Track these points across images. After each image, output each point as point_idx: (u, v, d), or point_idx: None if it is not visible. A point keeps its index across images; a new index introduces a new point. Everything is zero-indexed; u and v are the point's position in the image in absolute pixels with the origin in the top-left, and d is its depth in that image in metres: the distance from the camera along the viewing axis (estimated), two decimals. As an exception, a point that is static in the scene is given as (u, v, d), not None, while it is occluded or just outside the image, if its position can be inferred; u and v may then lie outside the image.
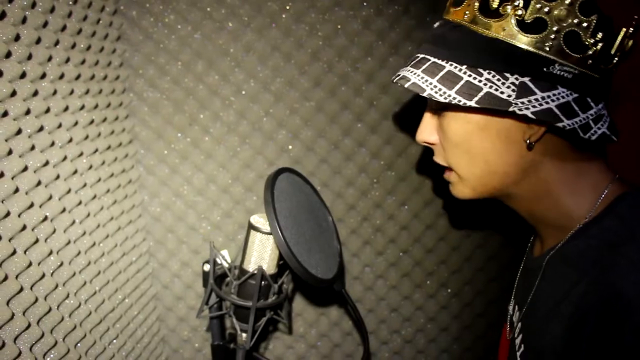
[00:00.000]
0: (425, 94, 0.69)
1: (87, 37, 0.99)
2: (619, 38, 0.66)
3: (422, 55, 0.73)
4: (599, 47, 0.65)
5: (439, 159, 0.81)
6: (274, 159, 1.21)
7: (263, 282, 0.89)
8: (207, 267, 0.95)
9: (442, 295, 1.32)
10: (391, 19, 1.16)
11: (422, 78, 0.71)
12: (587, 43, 0.64)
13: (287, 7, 1.14)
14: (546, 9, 0.63)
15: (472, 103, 0.67)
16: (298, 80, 1.18)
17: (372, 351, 1.32)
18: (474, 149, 0.73)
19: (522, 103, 0.65)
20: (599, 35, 0.64)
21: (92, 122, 1.00)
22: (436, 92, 0.69)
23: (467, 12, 0.69)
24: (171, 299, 1.25)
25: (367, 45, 1.17)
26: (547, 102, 0.65)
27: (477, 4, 0.67)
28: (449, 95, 0.68)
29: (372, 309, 1.30)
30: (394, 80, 0.75)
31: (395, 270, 1.29)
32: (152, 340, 1.21)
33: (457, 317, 1.34)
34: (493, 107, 0.66)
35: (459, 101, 0.67)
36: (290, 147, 1.21)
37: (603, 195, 0.72)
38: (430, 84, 0.70)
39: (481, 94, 0.67)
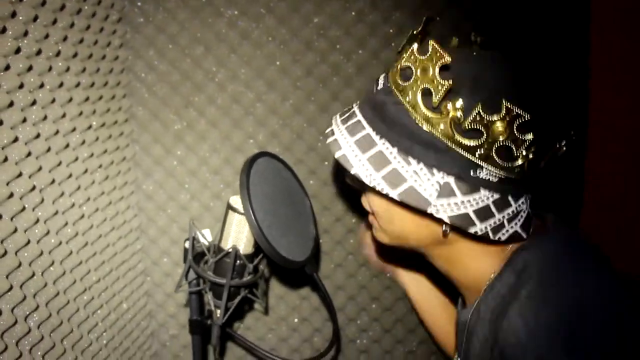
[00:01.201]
0: (352, 172, 0.71)
1: (87, 17, 1.02)
2: (551, 152, 0.68)
3: (359, 117, 0.75)
4: (530, 158, 0.66)
5: (365, 204, 0.85)
6: (265, 145, 1.24)
7: (238, 261, 0.93)
8: (187, 244, 0.99)
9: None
10: (385, 13, 1.19)
11: (354, 152, 0.72)
12: (518, 155, 0.66)
13: (284, -3, 1.17)
14: (485, 121, 0.63)
15: (395, 195, 0.69)
16: (291, 68, 1.20)
17: (350, 337, 1.36)
18: (394, 218, 0.78)
19: (442, 205, 0.68)
20: (532, 149, 0.66)
21: (87, 99, 1.04)
22: (363, 172, 0.70)
23: (409, 95, 0.68)
24: (160, 275, 1.29)
25: (360, 38, 1.20)
26: (465, 207, 0.68)
27: (419, 92, 0.67)
28: (374, 179, 0.70)
29: (353, 296, 1.33)
30: (327, 141, 0.77)
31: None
32: (139, 313, 1.25)
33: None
34: (412, 205, 0.69)
35: (382, 189, 0.69)
36: (280, 134, 1.24)
37: (509, 249, 0.76)
38: (360, 161, 0.71)
39: (405, 186, 0.68)
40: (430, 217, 0.70)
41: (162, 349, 1.34)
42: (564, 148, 0.70)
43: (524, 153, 0.65)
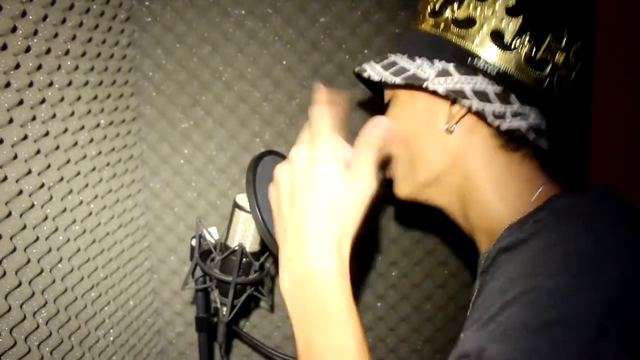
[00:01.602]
0: (365, 74, 0.79)
1: (95, 16, 1.03)
2: (544, 44, 0.69)
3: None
4: (525, 48, 0.69)
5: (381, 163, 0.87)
6: (271, 143, 1.25)
7: (244, 259, 0.94)
8: (194, 242, 0.99)
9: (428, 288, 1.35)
10: (390, 12, 1.19)
11: (372, 66, 0.80)
12: (511, 42, 0.69)
13: (290, -3, 1.18)
14: (477, 8, 0.70)
15: (397, 79, 0.73)
16: (297, 68, 1.21)
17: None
18: (405, 134, 0.79)
19: (438, 81, 0.71)
20: (525, 37, 0.69)
21: (95, 97, 1.05)
22: (375, 73, 0.77)
23: (420, 16, 0.79)
24: (166, 272, 1.30)
25: (366, 38, 1.20)
26: (462, 84, 0.70)
27: (428, 8, 0.77)
28: (381, 75, 0.76)
29: (357, 295, 1.34)
30: (355, 70, 0.85)
31: (385, 258, 1.33)
32: (146, 310, 1.26)
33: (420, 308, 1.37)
34: (410, 82, 0.72)
35: (387, 78, 0.75)
36: (287, 133, 1.25)
37: (535, 196, 0.72)
38: (374, 68, 0.79)
39: (407, 73, 0.74)
40: (433, 116, 0.76)
41: (168, 347, 1.34)
42: (563, 55, 0.70)
43: (517, 41, 0.69)
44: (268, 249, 0.92)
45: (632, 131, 1.34)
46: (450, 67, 0.72)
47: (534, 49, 0.69)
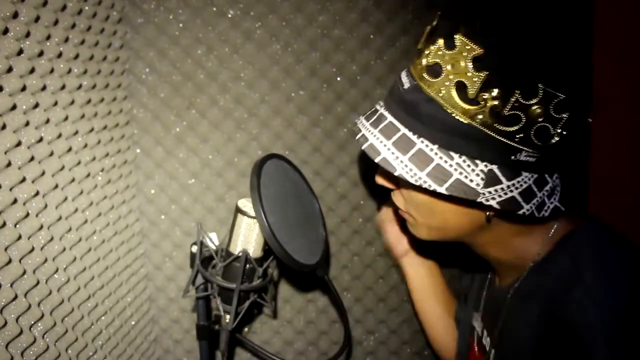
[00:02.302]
0: (396, 174, 0.70)
1: (87, 17, 1.00)
2: (579, 127, 0.69)
3: (390, 119, 0.73)
4: (564, 135, 0.67)
5: (398, 202, 0.84)
6: (269, 146, 1.22)
7: (248, 265, 0.91)
8: (194, 249, 0.97)
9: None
10: (389, 12, 1.18)
11: (393, 154, 0.71)
12: (554, 134, 0.66)
13: (287, -4, 1.15)
14: (523, 107, 0.64)
15: (443, 190, 0.68)
16: (295, 68, 1.19)
17: (357, 339, 1.34)
18: (435, 211, 0.78)
19: (489, 193, 0.68)
20: (568, 126, 0.66)
21: (89, 101, 1.02)
22: (407, 173, 0.70)
23: (442, 90, 0.67)
24: (162, 279, 1.27)
25: (365, 37, 1.18)
26: (511, 191, 0.68)
27: (454, 87, 0.66)
28: (420, 178, 0.69)
29: (359, 298, 1.32)
30: (362, 148, 0.75)
31: (385, 260, 1.31)
32: (142, 319, 1.23)
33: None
34: (462, 197, 0.68)
35: (429, 186, 0.68)
36: (284, 134, 1.23)
37: (553, 231, 0.77)
38: (402, 162, 0.70)
39: (451, 180, 0.68)
40: (474, 204, 0.71)
41: (165, 355, 1.31)
42: (591, 123, 0.72)
43: (559, 131, 0.66)
44: (272, 254, 0.90)
45: (634, 130, 1.34)
46: (495, 169, 0.67)
47: (571, 135, 0.68)
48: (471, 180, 0.67)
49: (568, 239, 0.75)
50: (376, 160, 0.72)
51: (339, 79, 1.20)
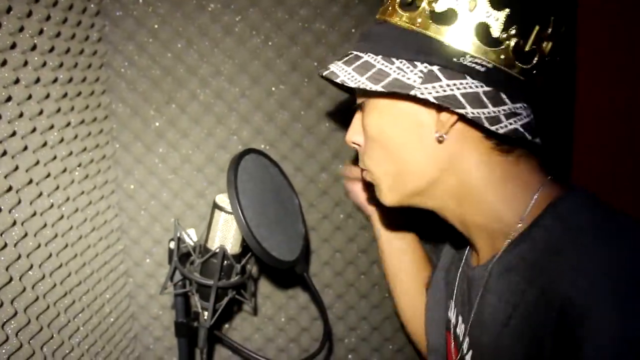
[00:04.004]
0: (338, 80, 0.71)
1: (63, 10, 0.98)
2: (532, 36, 0.66)
3: (350, 52, 0.75)
4: (512, 42, 0.65)
5: (360, 162, 0.82)
6: (249, 141, 1.21)
7: (225, 262, 0.90)
8: (172, 245, 0.96)
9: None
10: (371, 5, 1.17)
11: (342, 68, 0.73)
12: (498, 37, 0.65)
13: (268, -10, 1.14)
14: (458, 1, 0.64)
15: (378, 87, 0.68)
16: (275, 63, 1.18)
17: (339, 336, 1.34)
18: (388, 144, 0.74)
19: (426, 89, 0.66)
20: (512, 30, 0.65)
21: (65, 95, 1.00)
22: (349, 79, 0.70)
23: (389, 8, 0.71)
24: (142, 276, 1.25)
25: (346, 31, 1.18)
26: (451, 89, 0.66)
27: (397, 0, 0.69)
28: (359, 81, 0.69)
29: (341, 294, 1.31)
30: (322, 74, 0.76)
31: (367, 256, 1.31)
32: (121, 316, 1.22)
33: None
34: (395, 90, 0.67)
35: (366, 85, 0.68)
36: (265, 129, 1.22)
37: (535, 197, 0.70)
38: (346, 71, 0.72)
39: (388, 79, 0.68)
40: (423, 125, 0.70)
41: (145, 352, 1.30)
42: (549, 49, 0.68)
43: (504, 35, 0.65)
44: (250, 250, 0.89)
45: (618, 125, 1.34)
46: (435, 69, 0.67)
47: (522, 42, 0.66)
48: (408, 79, 0.67)
49: (557, 204, 0.68)
50: (323, 74, 0.74)
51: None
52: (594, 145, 1.34)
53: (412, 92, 0.66)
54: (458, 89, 0.66)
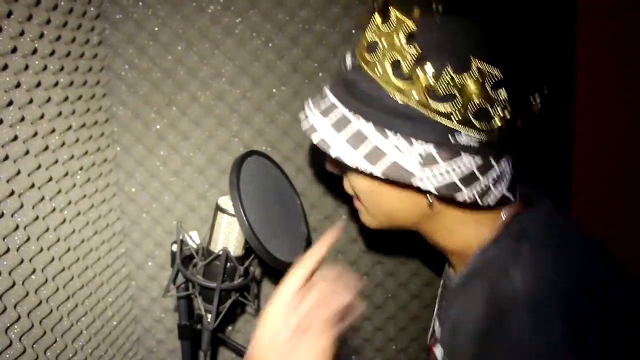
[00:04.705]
0: (333, 155, 0.69)
1: (63, 13, 0.98)
2: (526, 110, 0.67)
3: (331, 99, 0.72)
4: (507, 117, 0.65)
5: (347, 188, 0.84)
6: (250, 143, 1.21)
7: (228, 264, 0.90)
8: (175, 248, 0.95)
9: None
10: (371, 7, 1.16)
11: (331, 135, 0.70)
12: (494, 115, 0.64)
13: (268, -9, 1.14)
14: (457, 83, 0.62)
15: (378, 172, 0.67)
16: (276, 64, 1.18)
17: (342, 337, 1.33)
18: (381, 198, 0.76)
19: (427, 177, 0.66)
20: (508, 107, 0.64)
21: (66, 99, 1.00)
22: (343, 154, 0.68)
23: (379, 69, 0.66)
24: (145, 279, 1.25)
25: (346, 32, 1.17)
26: (449, 174, 0.66)
27: (389, 64, 0.65)
28: (356, 160, 0.68)
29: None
30: (303, 128, 0.75)
31: (370, 257, 1.30)
32: (124, 319, 1.21)
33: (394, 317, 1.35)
34: (396, 179, 0.67)
35: (365, 169, 0.67)
36: (266, 129, 1.22)
37: (503, 218, 0.75)
38: (338, 143, 0.69)
39: (386, 161, 0.67)
40: (416, 190, 0.69)
41: (148, 355, 1.30)
42: (539, 105, 0.68)
43: (500, 113, 0.64)
44: (253, 252, 0.89)
45: (618, 126, 1.34)
46: (432, 149, 0.65)
47: (515, 117, 0.66)
48: (407, 162, 0.66)
49: (514, 222, 0.74)
50: (314, 141, 0.71)
51: (320, 74, 1.19)
52: (594, 145, 1.35)
53: (415, 183, 0.66)
54: (455, 172, 0.66)
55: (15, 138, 0.86)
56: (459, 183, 0.66)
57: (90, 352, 1.06)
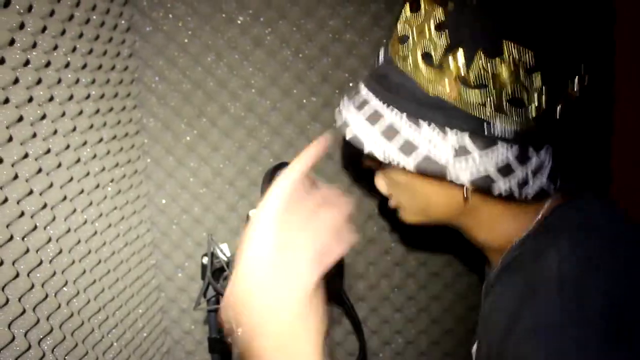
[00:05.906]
0: (366, 151, 0.69)
1: (95, 27, 0.99)
2: (563, 97, 0.64)
3: (364, 94, 0.72)
4: (542, 106, 0.62)
5: (381, 186, 0.83)
6: (280, 154, 1.21)
7: (259, 277, 0.89)
8: (205, 260, 0.95)
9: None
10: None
11: (364, 129, 0.69)
12: (529, 104, 0.62)
13: (297, 1, 1.13)
14: (488, 69, 0.60)
15: (411, 167, 0.66)
16: (306, 74, 1.17)
17: (373, 351, 1.31)
18: (416, 192, 0.75)
19: (461, 169, 0.64)
20: (543, 95, 0.62)
21: (97, 111, 1.00)
22: (376, 149, 0.68)
23: (410, 61, 0.65)
24: (174, 290, 1.25)
25: (376, 42, 1.16)
26: (484, 165, 0.64)
27: (420, 56, 0.64)
28: (389, 154, 0.67)
29: (375, 308, 1.29)
30: (337, 124, 0.75)
31: (401, 269, 1.28)
32: (154, 330, 1.21)
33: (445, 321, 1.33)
34: (426, 171, 0.66)
35: (398, 163, 0.67)
36: (296, 141, 1.21)
37: (544, 210, 0.73)
38: (372, 138, 0.68)
39: (420, 154, 0.65)
40: (451, 183, 0.68)
41: (178, 367, 1.30)
42: (577, 92, 0.65)
43: (536, 100, 0.62)
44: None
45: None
46: (466, 139, 0.64)
47: (552, 101, 0.63)
48: (440, 154, 0.65)
49: (554, 214, 0.71)
50: (347, 138, 0.71)
51: (351, 84, 1.18)
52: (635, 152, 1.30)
53: (448, 177, 0.65)
54: (491, 162, 0.64)
55: (48, 151, 0.86)
56: (495, 174, 0.64)
57: (121, 364, 1.06)
